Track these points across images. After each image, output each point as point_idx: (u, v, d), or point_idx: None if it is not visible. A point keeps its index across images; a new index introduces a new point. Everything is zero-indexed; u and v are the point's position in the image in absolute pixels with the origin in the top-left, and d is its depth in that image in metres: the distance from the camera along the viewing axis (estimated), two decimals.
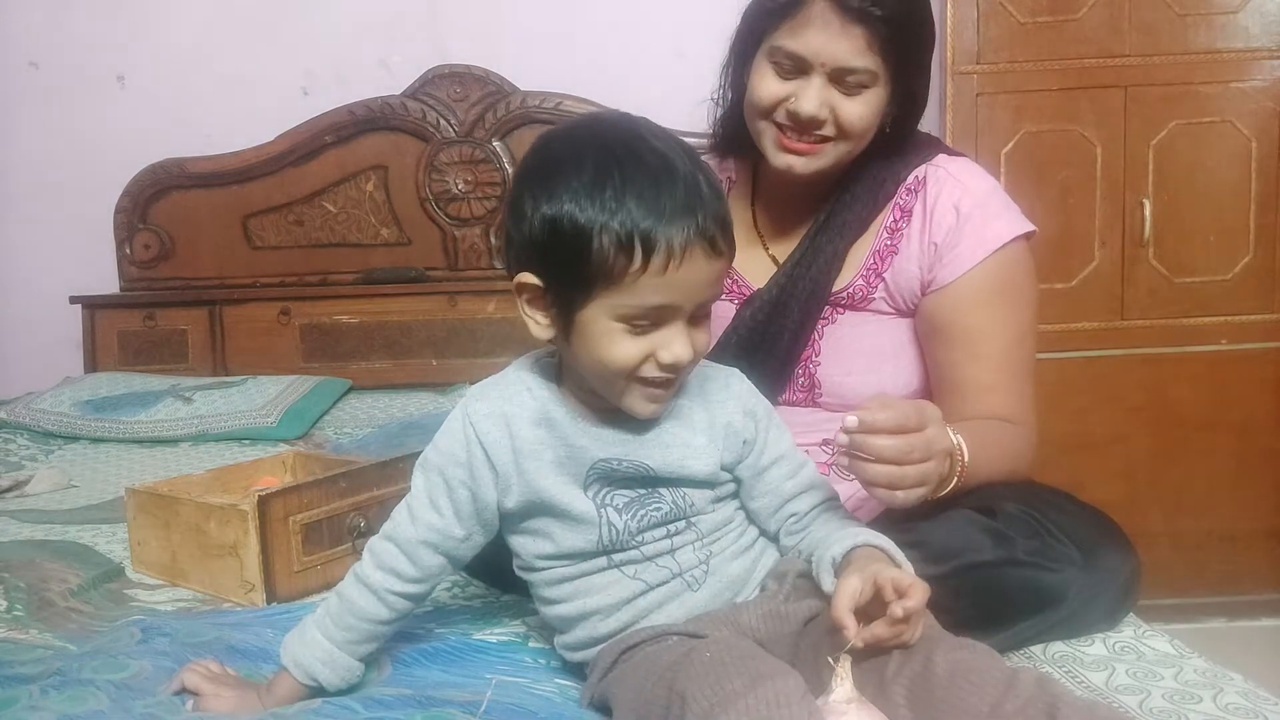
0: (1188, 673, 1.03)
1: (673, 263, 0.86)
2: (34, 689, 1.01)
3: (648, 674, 0.87)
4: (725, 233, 0.91)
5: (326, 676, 0.98)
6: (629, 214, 0.86)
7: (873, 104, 1.22)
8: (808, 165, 1.25)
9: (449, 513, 0.98)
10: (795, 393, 1.34)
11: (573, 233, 0.87)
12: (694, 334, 0.92)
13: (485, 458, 0.96)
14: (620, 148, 0.89)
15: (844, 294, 1.31)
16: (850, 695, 0.79)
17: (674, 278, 0.87)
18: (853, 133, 1.22)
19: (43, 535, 1.64)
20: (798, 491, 1.02)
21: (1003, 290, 1.26)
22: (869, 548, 0.92)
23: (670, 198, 0.87)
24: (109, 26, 2.92)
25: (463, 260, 2.90)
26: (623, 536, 0.96)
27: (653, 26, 2.83)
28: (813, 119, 1.20)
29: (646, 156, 0.88)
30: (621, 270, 0.86)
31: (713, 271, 0.90)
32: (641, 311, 0.88)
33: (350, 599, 0.99)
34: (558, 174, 0.89)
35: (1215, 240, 2.45)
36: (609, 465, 0.96)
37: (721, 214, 0.90)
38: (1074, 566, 1.08)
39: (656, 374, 0.91)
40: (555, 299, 0.92)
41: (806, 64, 1.19)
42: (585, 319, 0.90)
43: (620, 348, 0.90)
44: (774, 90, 1.22)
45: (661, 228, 0.86)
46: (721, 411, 1.00)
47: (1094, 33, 2.41)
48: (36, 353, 2.95)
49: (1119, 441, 2.47)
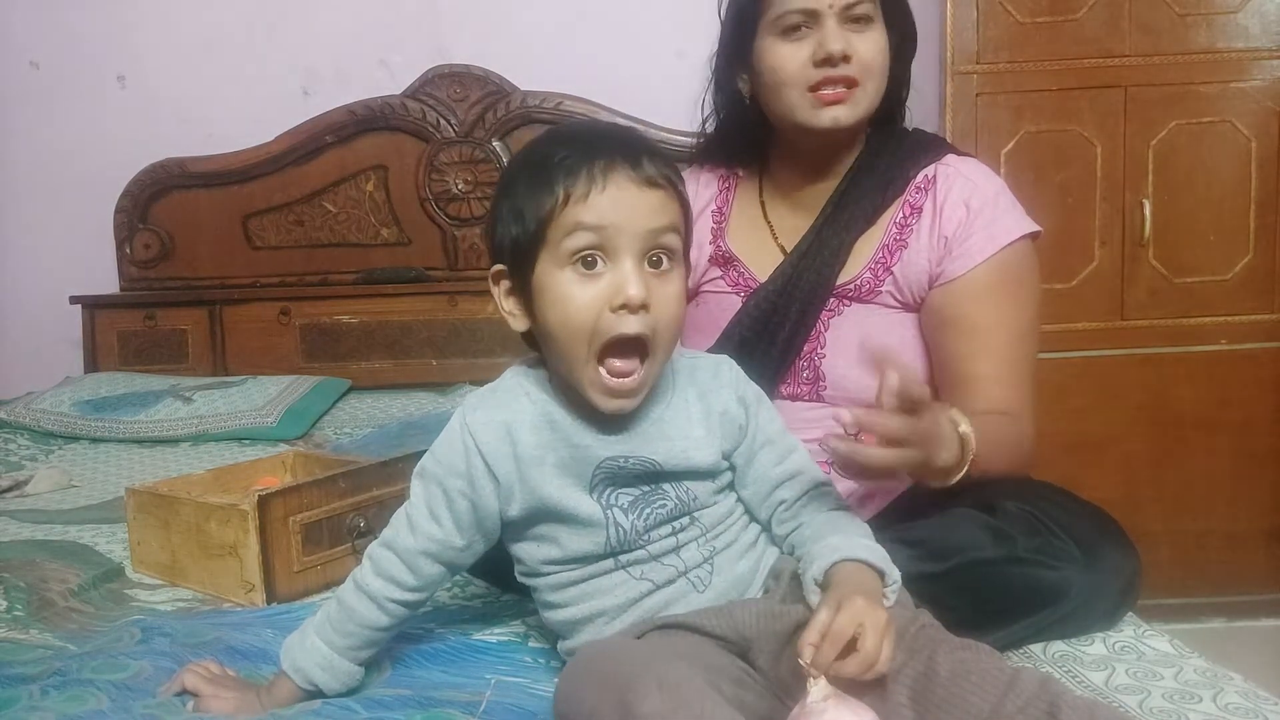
0: (1188, 673, 1.03)
1: (595, 186, 0.89)
2: (34, 689, 1.01)
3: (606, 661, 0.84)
4: (654, 157, 0.92)
5: (326, 682, 0.98)
6: (550, 156, 0.90)
7: (880, 40, 1.28)
8: (851, 113, 1.28)
9: (449, 523, 0.98)
10: (799, 386, 1.34)
11: (512, 195, 0.93)
12: (654, 284, 0.90)
13: (486, 468, 0.96)
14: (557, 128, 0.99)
15: (851, 286, 1.32)
16: (826, 692, 0.79)
17: (601, 200, 0.89)
18: (874, 67, 1.27)
19: (43, 535, 1.64)
20: (785, 477, 1.01)
21: (1010, 285, 1.27)
22: (850, 563, 0.90)
23: (590, 135, 0.93)
24: (109, 26, 2.92)
25: (463, 260, 2.90)
26: (630, 537, 0.95)
27: (653, 26, 2.83)
28: (843, 54, 1.25)
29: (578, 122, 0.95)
30: (550, 207, 0.89)
31: (648, 201, 0.90)
32: (581, 240, 0.89)
33: (350, 606, 0.99)
34: (509, 164, 1.00)
35: (1215, 240, 2.45)
36: (615, 464, 0.95)
37: (649, 147, 0.93)
38: (1075, 564, 1.08)
39: (617, 330, 0.89)
40: (516, 275, 0.94)
41: (815, 12, 1.25)
42: (540, 281, 0.92)
43: (575, 298, 0.90)
44: (796, 54, 1.27)
45: (579, 156, 0.89)
46: (716, 400, 1.00)
47: (1094, 33, 2.41)
48: (36, 353, 2.95)
49: (1119, 441, 2.47)
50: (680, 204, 0.94)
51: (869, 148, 1.35)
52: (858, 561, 0.91)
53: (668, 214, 0.92)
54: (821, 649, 0.81)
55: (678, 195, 0.93)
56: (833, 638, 0.81)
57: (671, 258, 0.93)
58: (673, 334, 0.94)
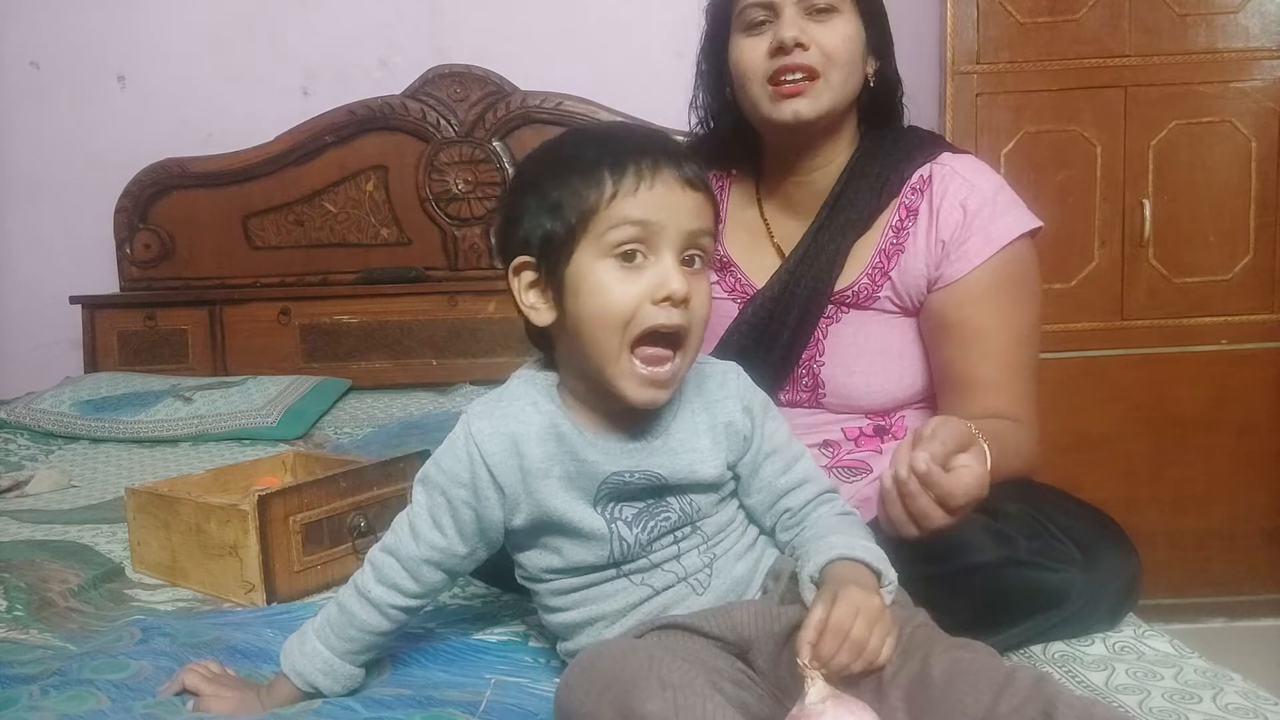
0: (1188, 673, 1.02)
1: (644, 183, 0.89)
2: (34, 689, 1.01)
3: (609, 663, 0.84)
4: (695, 166, 0.93)
5: (327, 685, 0.98)
6: (592, 153, 0.91)
7: (847, 30, 1.26)
8: (811, 106, 1.25)
9: (452, 532, 0.97)
10: (799, 393, 1.34)
11: (546, 189, 0.92)
12: (691, 279, 0.91)
13: (491, 479, 0.95)
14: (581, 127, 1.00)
15: (849, 292, 1.31)
16: (824, 694, 0.79)
17: (648, 197, 0.89)
18: (837, 57, 1.25)
19: (43, 535, 1.64)
20: (791, 487, 1.02)
21: (1009, 287, 1.26)
22: (845, 562, 0.91)
23: (630, 136, 0.94)
24: (109, 26, 2.92)
25: (463, 260, 2.90)
26: (634, 549, 0.95)
27: (653, 26, 2.83)
28: (795, 41, 1.23)
29: (603, 123, 0.94)
30: (595, 200, 0.89)
31: (690, 201, 0.91)
32: (625, 235, 0.89)
33: (351, 611, 0.99)
34: (523, 170, 0.98)
35: (1215, 240, 2.45)
36: (621, 479, 0.95)
37: (690, 158, 0.93)
38: (1075, 566, 1.07)
39: (655, 322, 0.89)
40: (546, 270, 0.93)
41: (773, 5, 1.25)
42: (576, 272, 0.90)
43: (615, 289, 0.89)
44: (755, 47, 1.27)
45: (625, 154, 0.90)
46: (722, 411, 1.00)
47: (1094, 33, 2.41)
48: (36, 353, 2.95)
49: (1119, 441, 2.47)
50: (714, 209, 0.95)
51: (863, 147, 1.33)
52: (854, 560, 0.91)
53: (705, 216, 0.93)
54: (823, 642, 0.81)
55: (713, 200, 0.95)
56: (833, 630, 0.81)
57: (704, 258, 0.94)
58: (702, 332, 0.95)
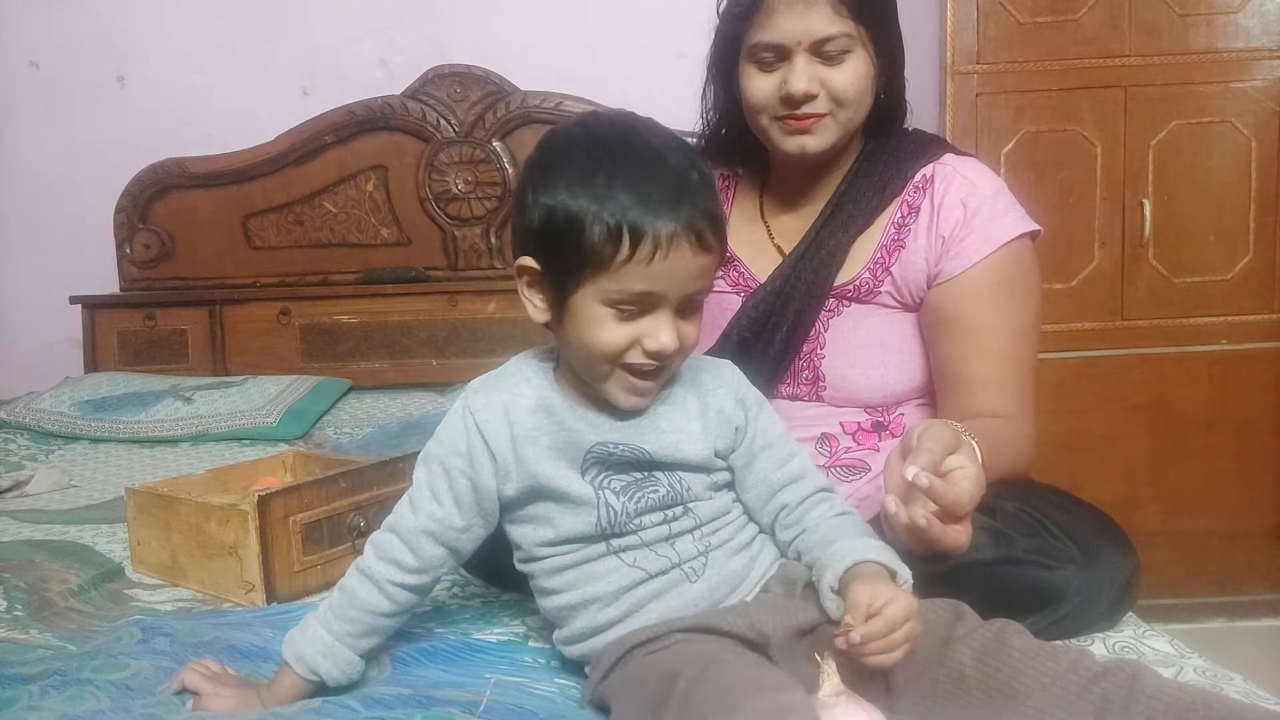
0: (1188, 673, 1.02)
1: (659, 253, 0.89)
2: (34, 689, 1.01)
3: (650, 677, 0.87)
4: (714, 227, 0.92)
5: (327, 670, 0.99)
6: (618, 204, 0.89)
7: (859, 69, 1.25)
8: (819, 142, 1.27)
9: (449, 502, 1.00)
10: (799, 386, 1.35)
11: (566, 221, 0.91)
12: (682, 326, 0.94)
13: (484, 445, 0.98)
14: (612, 140, 0.93)
15: (850, 286, 1.32)
16: (838, 689, 0.81)
17: (660, 268, 0.90)
18: (847, 99, 1.25)
19: (43, 535, 1.64)
20: (786, 481, 1.03)
21: (1008, 285, 1.27)
22: (864, 564, 0.92)
23: (658, 188, 0.90)
24: (109, 26, 2.92)
25: (463, 260, 2.90)
26: (621, 519, 0.97)
27: (653, 26, 2.83)
28: (806, 94, 1.24)
29: (637, 147, 0.92)
30: (610, 257, 0.89)
31: (699, 265, 0.92)
32: (627, 297, 0.91)
33: (352, 591, 1.01)
34: (554, 166, 0.93)
35: (1215, 240, 2.45)
36: (605, 449, 0.98)
37: (710, 209, 0.92)
38: (1073, 565, 1.08)
39: (641, 360, 0.94)
40: (551, 283, 0.95)
41: (785, 49, 1.24)
42: (576, 303, 0.93)
43: (607, 332, 0.92)
44: (764, 86, 1.27)
45: (649, 219, 0.89)
46: (714, 398, 1.03)
47: (1094, 33, 2.41)
48: (36, 353, 2.95)
49: (1119, 441, 2.47)
50: (721, 258, 0.97)
51: (867, 150, 1.35)
52: (870, 563, 0.92)
53: (709, 274, 0.96)
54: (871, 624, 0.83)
55: (721, 253, 0.96)
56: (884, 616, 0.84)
57: (700, 305, 0.97)
58: (689, 353, 0.99)
